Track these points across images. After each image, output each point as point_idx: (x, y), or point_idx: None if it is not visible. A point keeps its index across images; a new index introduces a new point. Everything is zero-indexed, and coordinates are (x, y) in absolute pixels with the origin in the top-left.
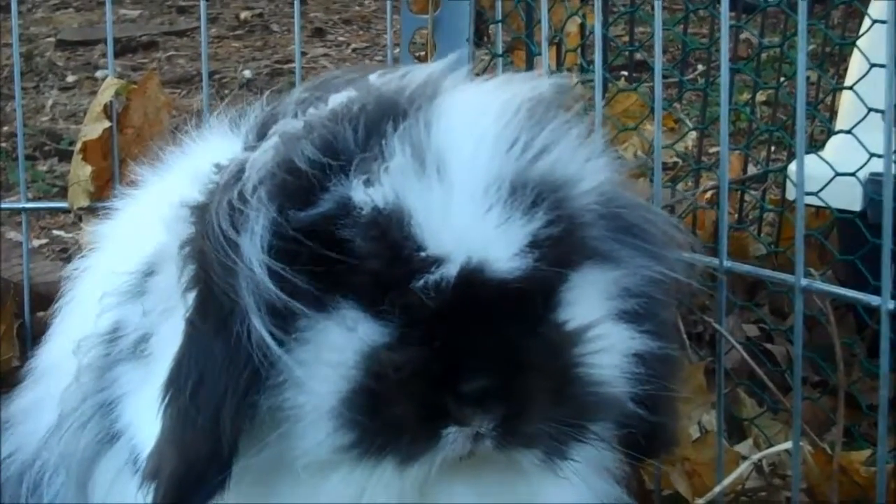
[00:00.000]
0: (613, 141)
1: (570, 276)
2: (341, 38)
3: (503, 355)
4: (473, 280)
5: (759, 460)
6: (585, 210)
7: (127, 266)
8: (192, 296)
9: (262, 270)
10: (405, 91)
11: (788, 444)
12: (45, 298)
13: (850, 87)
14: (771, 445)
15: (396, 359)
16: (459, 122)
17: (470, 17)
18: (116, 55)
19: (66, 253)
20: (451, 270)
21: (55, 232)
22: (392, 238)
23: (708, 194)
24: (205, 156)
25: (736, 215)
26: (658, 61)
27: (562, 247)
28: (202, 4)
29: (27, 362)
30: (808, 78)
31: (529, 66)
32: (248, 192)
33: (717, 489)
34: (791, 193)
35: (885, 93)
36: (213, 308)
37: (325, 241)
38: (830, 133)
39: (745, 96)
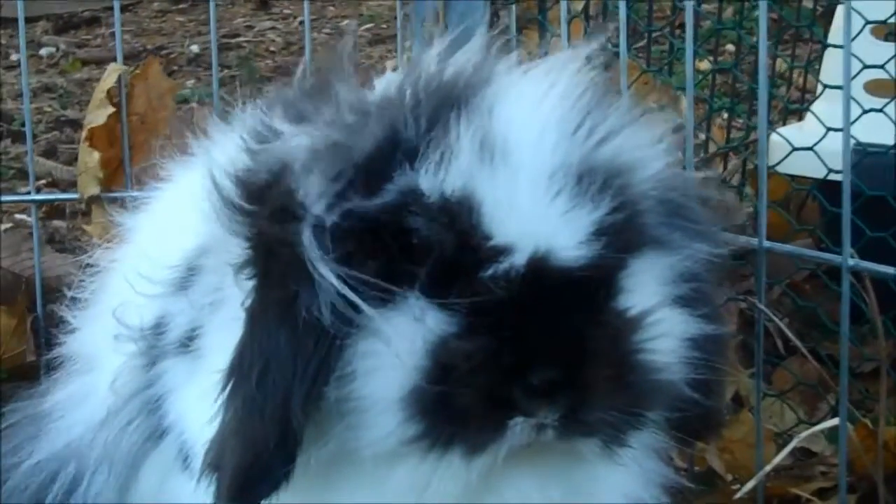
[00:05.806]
0: None
1: (630, 263)
2: (287, 11)
3: (570, 346)
4: (541, 269)
5: (786, 436)
6: (645, 196)
7: (167, 259)
8: (250, 284)
9: (326, 267)
10: (460, 77)
11: (835, 421)
12: (51, 291)
13: (804, 67)
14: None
15: (465, 348)
16: (521, 107)
17: None
18: (58, 31)
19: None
20: (519, 260)
21: (18, 216)
22: (461, 226)
23: None
24: (235, 147)
25: None
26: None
27: (624, 234)
28: None
29: (42, 356)
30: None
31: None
32: (308, 182)
33: (761, 474)
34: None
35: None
36: (276, 296)
37: (391, 231)
38: (788, 107)
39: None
